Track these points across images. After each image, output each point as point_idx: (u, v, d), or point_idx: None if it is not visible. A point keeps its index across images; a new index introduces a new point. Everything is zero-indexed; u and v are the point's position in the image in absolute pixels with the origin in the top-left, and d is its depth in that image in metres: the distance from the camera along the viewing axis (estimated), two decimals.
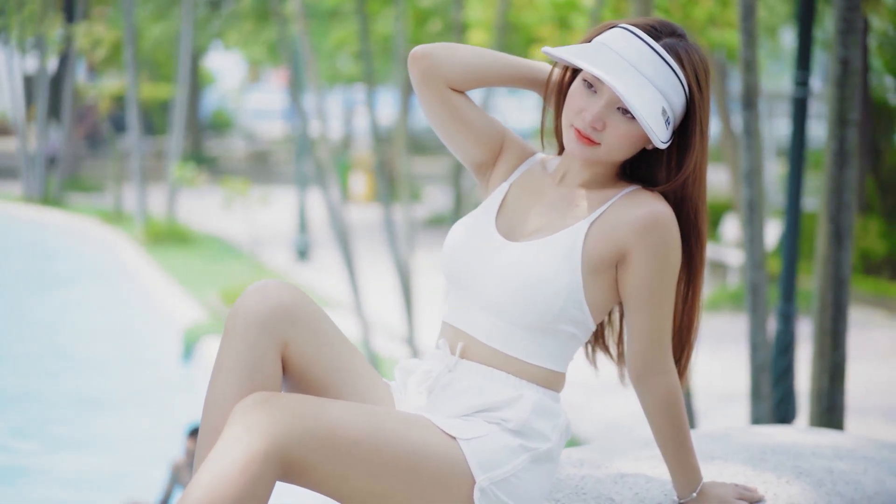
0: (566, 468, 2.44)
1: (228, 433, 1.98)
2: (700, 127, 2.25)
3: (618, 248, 2.23)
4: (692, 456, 2.29)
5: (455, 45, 2.36)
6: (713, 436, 2.75)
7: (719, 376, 8.77)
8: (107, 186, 21.13)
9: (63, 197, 21.05)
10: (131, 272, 14.13)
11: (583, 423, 7.87)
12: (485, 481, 2.15)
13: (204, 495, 1.92)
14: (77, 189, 22.71)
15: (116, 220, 18.08)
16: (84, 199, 21.49)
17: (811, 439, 2.76)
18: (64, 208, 19.85)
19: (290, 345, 2.21)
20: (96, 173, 25.09)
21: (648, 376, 2.26)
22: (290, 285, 2.23)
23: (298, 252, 15.16)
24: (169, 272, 13.36)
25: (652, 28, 2.24)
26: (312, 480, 2.05)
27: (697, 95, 2.24)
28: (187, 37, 17.03)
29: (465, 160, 2.45)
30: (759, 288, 4.71)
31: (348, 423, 2.07)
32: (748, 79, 4.52)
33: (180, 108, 17.16)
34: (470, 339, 2.29)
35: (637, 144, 2.26)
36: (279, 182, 24.25)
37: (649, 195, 2.26)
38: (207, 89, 36.76)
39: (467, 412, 2.24)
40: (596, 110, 2.21)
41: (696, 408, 7.78)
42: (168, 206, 16.89)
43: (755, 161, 4.59)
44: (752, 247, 4.68)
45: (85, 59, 23.58)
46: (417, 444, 2.12)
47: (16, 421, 8.02)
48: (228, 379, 2.14)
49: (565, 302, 2.22)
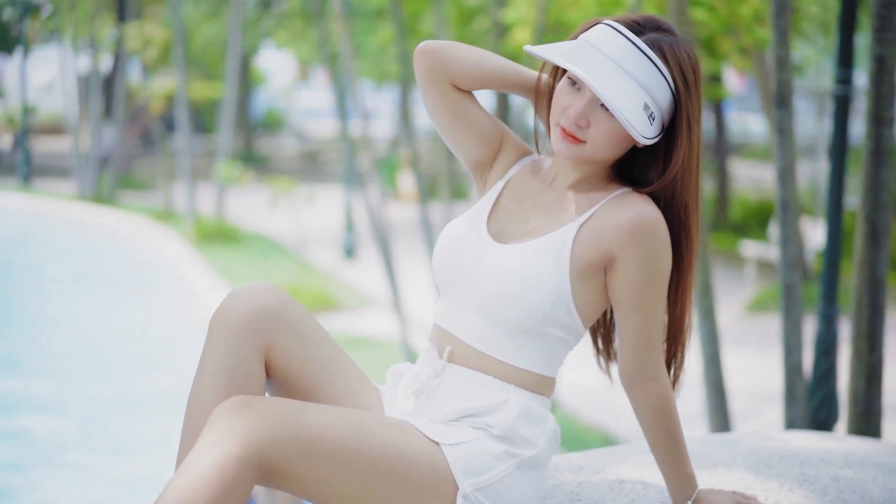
0: (564, 473, 2.41)
1: (205, 437, 1.97)
2: (687, 123, 2.21)
3: (605, 251, 2.20)
4: (686, 462, 2.24)
5: (461, 45, 2.34)
6: (721, 440, 2.70)
7: (766, 378, 8.67)
8: (158, 185, 21.32)
9: (115, 196, 21.24)
10: (180, 270, 14.23)
11: (619, 425, 7.82)
12: (468, 487, 2.13)
13: (179, 498, 1.91)
14: (129, 188, 22.90)
15: (167, 218, 18.22)
16: (136, 198, 21.67)
17: (824, 445, 2.69)
18: (115, 207, 20.03)
19: (273, 348, 2.19)
20: (148, 172, 25.30)
21: (639, 382, 2.22)
22: (275, 288, 2.21)
23: (345, 251, 15.19)
24: (216, 270, 13.44)
25: (635, 24, 2.21)
26: (292, 484, 2.03)
27: (683, 91, 2.20)
28: (236, 36, 17.11)
29: (463, 158, 2.43)
30: (793, 289, 4.64)
31: (329, 428, 2.05)
32: (781, 77, 4.45)
33: (229, 108, 17.25)
34: (458, 342, 2.27)
35: (623, 142, 2.22)
36: (330, 181, 24.32)
37: (638, 198, 2.22)
38: (259, 89, 36.99)
39: (453, 417, 2.21)
40: (579, 108, 2.19)
41: (738, 409, 7.72)
42: (217, 205, 16.99)
43: (788, 160, 4.52)
44: (786, 247, 4.61)
45: (139, 58, 23.80)
46: (400, 449, 2.10)
47: (66, 421, 8.08)
48: (210, 382, 2.13)
49: (553, 305, 2.19)
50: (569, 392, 8.49)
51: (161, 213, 18.85)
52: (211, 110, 29.66)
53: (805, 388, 4.71)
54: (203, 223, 16.35)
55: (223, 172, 15.25)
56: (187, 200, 17.27)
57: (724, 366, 5.74)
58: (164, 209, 19.07)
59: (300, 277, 12.37)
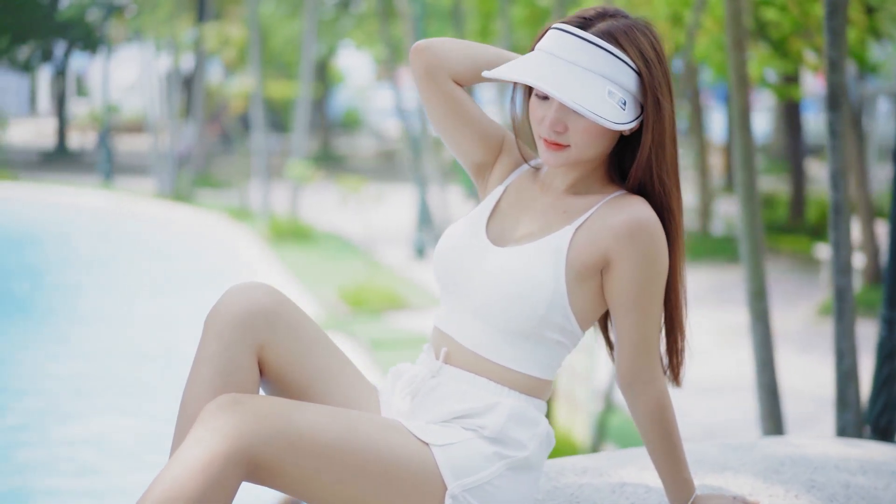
0: (568, 476, 2.41)
1: (193, 434, 2.00)
2: (655, 100, 2.19)
3: (601, 254, 2.20)
4: (684, 466, 2.23)
5: (454, 39, 2.37)
6: (735, 446, 2.68)
7: (833, 382, 8.54)
8: (235, 184, 21.60)
9: (193, 194, 21.54)
10: (253, 268, 14.39)
11: (686, 426, 7.72)
12: (457, 488, 2.14)
13: (163, 493, 1.93)
14: (207, 186, 23.21)
15: (242, 216, 18.44)
16: (213, 196, 21.95)
17: (843, 451, 2.66)
18: (193, 204, 20.32)
19: (266, 347, 2.21)
20: (227, 170, 25.63)
21: (636, 385, 2.22)
22: (270, 287, 2.24)
23: (416, 250, 15.25)
24: (289, 268, 13.58)
25: (582, 19, 2.21)
26: (282, 482, 2.05)
27: (645, 70, 2.18)
28: (311, 36, 17.26)
29: (464, 161, 2.43)
30: (846, 293, 4.58)
31: (318, 426, 2.07)
32: (833, 79, 4.40)
33: (304, 107, 17.41)
34: (454, 343, 2.28)
35: (606, 136, 2.21)
36: (406, 180, 24.43)
37: (633, 200, 2.22)
38: (337, 88, 37.25)
39: (446, 418, 2.22)
40: (551, 116, 2.19)
41: (803, 414, 7.64)
42: (291, 204, 17.16)
43: (841, 163, 4.47)
44: (837, 251, 4.55)
45: (220, 58, 24.10)
46: (390, 448, 2.11)
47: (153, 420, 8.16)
48: (203, 380, 2.15)
49: (549, 308, 2.19)
50: None
51: (237, 211, 19.08)
52: (289, 110, 29.94)
53: (857, 394, 4.65)
54: (277, 221, 16.52)
55: (294, 171, 15.39)
56: (262, 199, 17.46)
57: (783, 370, 5.68)
58: (240, 207, 19.30)
59: (369, 276, 12.44)
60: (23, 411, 7.98)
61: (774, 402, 5.47)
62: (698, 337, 8.57)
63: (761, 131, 33.02)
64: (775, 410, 5.46)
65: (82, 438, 7.52)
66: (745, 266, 5.06)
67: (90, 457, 7.22)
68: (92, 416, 8.04)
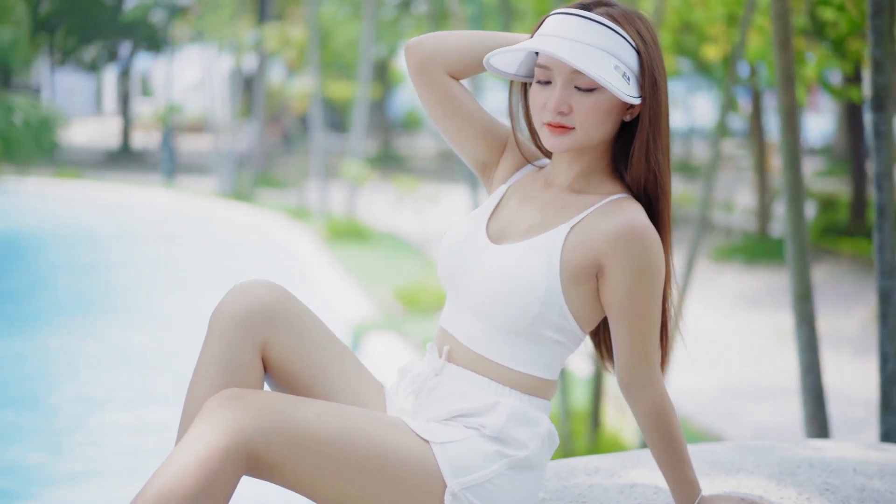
0: (578, 476, 2.40)
1: (193, 428, 2.02)
2: (652, 78, 2.23)
3: (594, 258, 2.20)
4: (688, 468, 2.22)
5: (447, 32, 2.37)
6: (753, 448, 2.65)
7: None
8: (295, 183, 21.76)
9: (253, 193, 21.72)
10: (309, 267, 14.49)
11: (733, 429, 7.70)
12: (456, 486, 2.14)
13: (162, 486, 1.95)
14: (268, 185, 23.39)
15: (301, 216, 18.57)
16: (273, 196, 22.12)
17: (865, 455, 2.62)
18: (253, 204, 20.50)
19: (270, 344, 2.23)
20: (287, 170, 25.82)
21: (634, 388, 2.22)
22: (274, 285, 2.26)
23: None
24: (345, 267, 13.66)
25: (582, 5, 2.25)
26: (282, 477, 2.06)
27: (643, 47, 2.23)
28: (369, 37, 17.33)
29: (468, 160, 2.44)
30: (890, 296, 4.51)
31: (319, 422, 2.08)
32: (877, 80, 4.34)
33: (362, 108, 17.48)
34: (456, 342, 2.29)
35: (610, 114, 2.23)
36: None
37: (629, 205, 2.22)
38: (398, 89, 37.35)
39: (447, 416, 2.23)
40: (556, 96, 2.21)
41: (854, 418, 7.54)
42: (348, 203, 17.26)
43: (885, 165, 4.41)
44: (881, 253, 4.49)
45: (282, 59, 24.28)
46: (389, 445, 2.12)
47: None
48: (206, 377, 2.18)
49: (543, 306, 2.19)
50: (683, 396, 8.41)
51: (296, 210, 19.22)
52: (350, 110, 30.12)
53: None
54: (334, 221, 16.62)
55: (350, 171, 15.47)
56: (320, 198, 17.58)
57: (839, 373, 5.62)
58: (299, 207, 19.44)
59: (424, 276, 12.48)
60: (86, 408, 8.07)
61: (819, 406, 5.39)
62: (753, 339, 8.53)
63: (825, 133, 32.62)
64: (820, 414, 5.38)
65: (147, 439, 7.61)
66: (790, 268, 5.02)
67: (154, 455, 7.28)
68: (155, 412, 8.12)
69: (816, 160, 29.88)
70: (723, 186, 18.84)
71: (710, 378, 8.89)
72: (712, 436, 7.79)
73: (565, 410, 6.18)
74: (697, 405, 8.35)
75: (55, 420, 7.64)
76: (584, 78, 2.20)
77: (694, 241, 5.75)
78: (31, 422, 7.59)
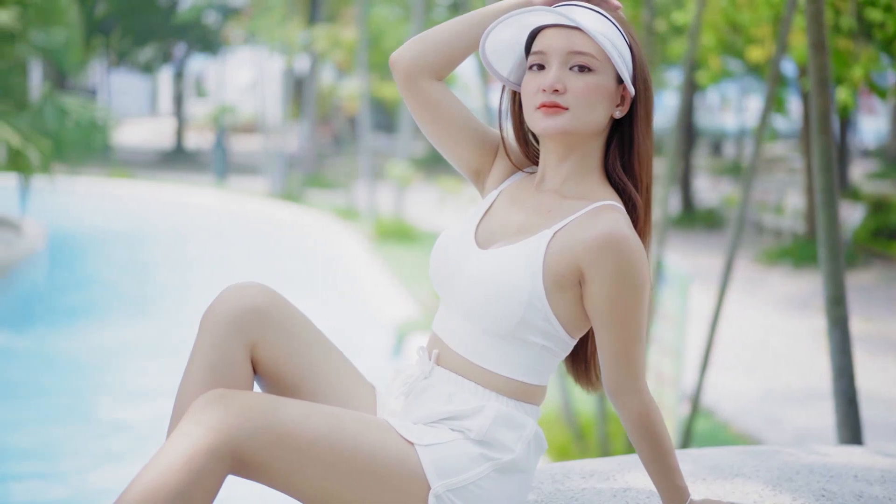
0: (573, 479, 2.40)
1: (181, 427, 2.03)
2: (643, 75, 2.26)
3: (576, 265, 2.19)
4: (675, 474, 2.21)
5: (426, 31, 2.37)
6: (754, 452, 2.64)
7: None
8: (344, 184, 21.86)
9: (303, 194, 21.85)
10: (356, 267, 14.55)
11: (772, 433, 7.64)
12: (440, 488, 2.15)
13: (147, 483, 1.97)
14: (318, 186, 23.52)
15: (349, 216, 18.67)
16: (323, 196, 22.24)
17: (869, 461, 2.59)
18: (302, 204, 20.62)
19: (259, 345, 2.25)
20: (337, 171, 25.94)
21: (619, 395, 2.21)
22: (264, 287, 2.27)
23: None
24: (390, 268, 13.70)
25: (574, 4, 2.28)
26: (266, 477, 2.08)
27: (634, 46, 2.26)
28: None
29: (460, 167, 2.44)
30: None
31: (304, 422, 2.09)
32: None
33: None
34: (445, 346, 2.30)
35: (604, 98, 2.23)
36: None
37: (614, 213, 2.20)
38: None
39: (434, 419, 2.24)
40: (552, 75, 2.21)
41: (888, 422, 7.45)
42: (395, 204, 17.33)
43: None
44: None
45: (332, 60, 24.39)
46: (374, 446, 2.13)
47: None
48: (195, 377, 2.20)
49: (527, 311, 2.19)
50: (722, 399, 8.36)
51: (344, 211, 19.32)
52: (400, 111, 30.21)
53: None
54: (382, 221, 16.70)
55: (394, 172, 15.53)
56: (368, 199, 17.67)
57: (886, 378, 5.56)
58: (347, 207, 19.53)
59: None
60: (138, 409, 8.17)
61: (852, 410, 5.33)
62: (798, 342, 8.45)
63: (879, 134, 32.24)
64: (852, 418, 5.32)
65: None
66: (823, 271, 4.98)
67: None
68: None
69: (869, 162, 29.53)
70: (774, 189, 18.68)
71: (752, 381, 8.82)
72: (751, 440, 7.74)
73: (602, 413, 6.18)
74: (739, 408, 8.30)
75: (104, 411, 7.81)
76: (581, 57, 2.21)
77: (732, 243, 5.72)
78: (81, 411, 7.76)
